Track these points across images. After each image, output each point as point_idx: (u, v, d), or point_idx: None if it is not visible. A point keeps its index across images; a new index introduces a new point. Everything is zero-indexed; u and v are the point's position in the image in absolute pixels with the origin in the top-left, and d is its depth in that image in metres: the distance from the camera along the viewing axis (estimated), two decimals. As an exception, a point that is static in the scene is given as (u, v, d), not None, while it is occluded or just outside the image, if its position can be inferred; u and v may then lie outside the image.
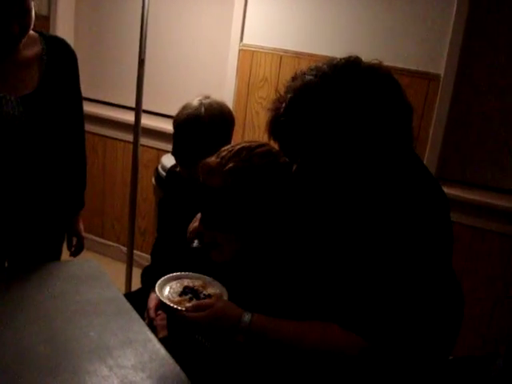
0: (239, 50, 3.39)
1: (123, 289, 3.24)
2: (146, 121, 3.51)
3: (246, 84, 3.41)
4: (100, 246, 4.19)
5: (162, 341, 1.72)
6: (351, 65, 1.32)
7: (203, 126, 1.96)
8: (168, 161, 3.12)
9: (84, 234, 2.38)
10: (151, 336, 1.68)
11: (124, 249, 3.95)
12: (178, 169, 2.13)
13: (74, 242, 2.35)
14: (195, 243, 1.71)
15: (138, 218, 3.58)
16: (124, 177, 3.96)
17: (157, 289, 1.46)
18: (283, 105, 1.33)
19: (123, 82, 3.83)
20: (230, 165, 1.43)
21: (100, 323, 1.70)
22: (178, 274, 1.55)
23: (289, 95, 1.33)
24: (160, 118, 3.77)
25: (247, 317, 1.37)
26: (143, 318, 1.86)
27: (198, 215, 1.68)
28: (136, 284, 3.15)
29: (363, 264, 1.36)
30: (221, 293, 1.49)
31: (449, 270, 1.47)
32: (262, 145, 1.49)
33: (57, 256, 2.28)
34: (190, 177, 2.07)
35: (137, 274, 3.20)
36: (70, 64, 2.06)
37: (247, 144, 1.49)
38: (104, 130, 3.96)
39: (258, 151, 1.46)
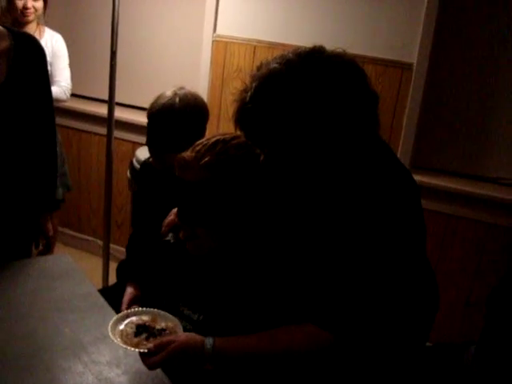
0: (213, 41, 3.37)
1: (100, 284, 3.21)
2: (120, 113, 3.48)
3: (220, 75, 3.39)
4: (77, 241, 4.16)
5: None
6: (316, 52, 1.32)
7: (177, 117, 1.95)
8: (142, 153, 3.08)
9: (59, 229, 2.34)
10: (127, 331, 1.67)
11: (101, 243, 3.93)
12: (150, 160, 2.12)
13: (42, 243, 2.29)
14: (169, 236, 1.70)
15: (114, 211, 3.56)
16: (99, 170, 3.92)
17: (110, 334, 1.40)
18: (248, 94, 1.32)
19: (96, 74, 3.79)
20: (206, 158, 1.42)
21: (74, 319, 1.69)
22: (125, 312, 1.51)
23: (254, 84, 1.33)
24: (134, 111, 3.75)
25: (209, 342, 1.35)
26: (116, 312, 1.85)
27: (174, 209, 1.67)
28: (113, 278, 3.14)
29: (333, 254, 1.36)
30: (173, 325, 1.45)
31: (422, 258, 1.48)
32: (237, 136, 1.49)
33: (26, 255, 2.25)
34: (163, 169, 2.06)
35: (114, 267, 3.17)
36: (38, 59, 2.03)
37: (221, 136, 1.48)
38: (78, 124, 3.93)
39: (233, 143, 1.46)
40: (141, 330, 1.43)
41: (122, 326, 1.45)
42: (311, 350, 1.36)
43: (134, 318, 1.48)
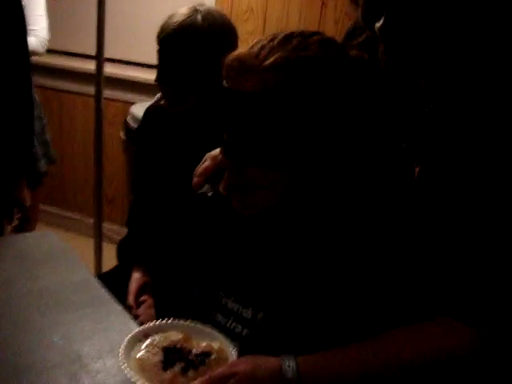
0: (216, -22, 2.86)
1: (92, 269, 2.72)
2: (108, 69, 2.96)
3: (227, 17, 2.88)
4: (62, 220, 3.68)
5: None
6: None
7: (202, 38, 1.44)
8: (140, 110, 2.60)
9: (41, 207, 1.84)
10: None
11: (90, 221, 3.44)
12: (162, 102, 1.59)
13: (17, 216, 1.82)
14: (205, 188, 1.17)
15: (104, 184, 3.07)
16: (85, 136, 3.42)
17: (124, 366, 0.90)
18: None
19: (77, 25, 3.27)
20: (276, 56, 0.91)
21: (66, 321, 1.19)
22: (142, 329, 1.00)
23: None
24: (121, 66, 3.24)
25: (290, 368, 0.87)
26: (125, 307, 1.36)
27: (211, 153, 1.16)
28: (108, 263, 2.67)
29: (474, 234, 0.88)
30: (220, 344, 0.96)
31: None
32: (319, 32, 0.98)
33: None
34: (179, 111, 1.54)
35: (108, 249, 2.72)
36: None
37: (296, 31, 0.96)
38: (58, 83, 3.41)
39: (315, 39, 0.95)
40: (171, 357, 0.93)
41: (140, 352, 0.95)
42: (456, 355, 0.89)
43: (156, 338, 0.97)
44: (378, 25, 0.85)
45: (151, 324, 1.02)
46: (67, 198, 3.70)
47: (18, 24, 1.65)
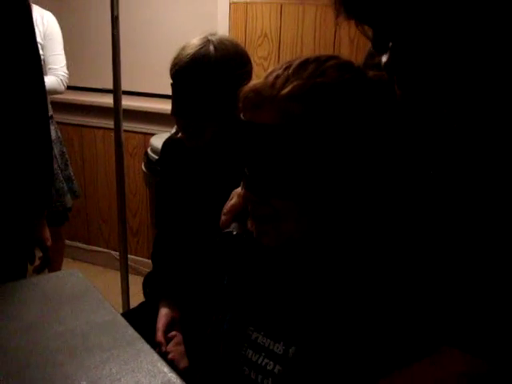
0: (230, 4, 2.85)
1: (120, 301, 2.69)
2: (126, 102, 2.97)
3: (241, 44, 2.86)
4: (87, 254, 3.67)
5: (184, 374, 1.19)
6: None
7: (215, 70, 1.41)
8: (159, 142, 2.58)
9: (67, 242, 1.83)
10: (171, 376, 1.14)
11: (115, 254, 3.44)
12: (179, 135, 1.57)
13: (38, 258, 1.81)
14: (232, 227, 1.14)
15: (127, 216, 3.06)
16: (107, 169, 3.44)
17: None
18: None
19: (93, 61, 3.29)
20: (292, 85, 0.88)
21: (95, 364, 1.15)
22: None
23: None
24: (139, 98, 3.26)
25: None
26: (154, 346, 1.32)
27: (238, 189, 1.13)
28: (134, 293, 2.65)
29: (493, 258, 0.82)
30: None
31: None
32: (335, 56, 0.95)
33: (21, 274, 1.73)
34: (195, 144, 1.52)
35: (133, 281, 2.71)
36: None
37: (311, 57, 0.94)
38: (78, 118, 3.43)
39: (331, 63, 0.92)
40: None
41: None
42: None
43: None
44: (383, 60, 0.82)
45: None
46: (92, 232, 3.69)
47: (34, 63, 1.64)
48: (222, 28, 2.89)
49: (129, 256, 2.81)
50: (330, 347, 0.92)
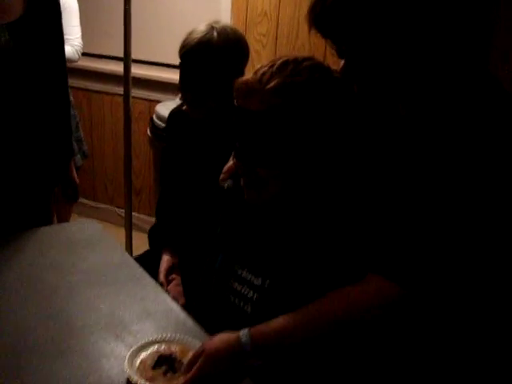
0: (232, -17, 3.05)
1: (124, 254, 2.96)
2: (134, 70, 3.18)
3: (242, 21, 3.08)
4: (92, 210, 3.91)
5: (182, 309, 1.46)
6: None
7: (217, 53, 1.65)
8: (164, 109, 2.84)
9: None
10: (172, 304, 1.42)
11: (119, 211, 3.70)
12: (184, 107, 1.82)
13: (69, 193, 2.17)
14: (227, 183, 1.42)
15: (132, 177, 3.31)
16: (114, 133, 3.67)
17: (127, 361, 1.15)
18: None
19: (104, 29, 3.49)
20: (275, 81, 1.14)
21: (110, 293, 1.43)
22: (153, 339, 1.22)
23: None
24: (148, 66, 3.44)
25: (244, 334, 1.11)
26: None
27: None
28: (137, 249, 2.91)
29: (416, 195, 1.09)
30: None
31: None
32: (310, 58, 1.21)
33: (47, 217, 2.03)
34: (199, 115, 1.78)
35: (136, 237, 2.96)
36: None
37: (290, 57, 1.20)
38: (88, 84, 3.65)
39: (306, 64, 1.18)
40: (161, 361, 1.16)
41: (144, 354, 1.18)
42: (375, 306, 1.10)
43: (162, 347, 1.20)
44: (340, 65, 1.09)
45: (161, 335, 1.23)
46: (98, 190, 3.93)
47: (58, 34, 1.92)
48: (225, 5, 3.10)
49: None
50: (294, 280, 1.20)
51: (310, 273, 1.19)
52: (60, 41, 1.95)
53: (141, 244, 2.08)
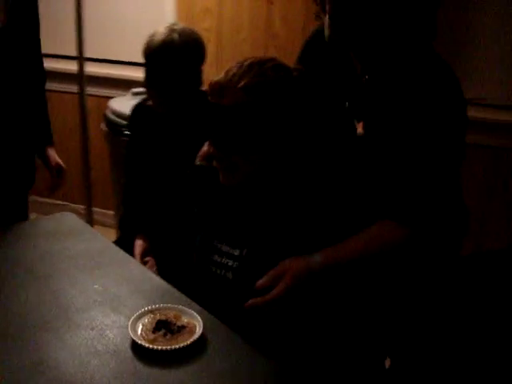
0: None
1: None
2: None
3: (187, 17, 3.23)
4: (46, 207, 3.97)
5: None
6: None
7: (179, 53, 1.85)
8: (117, 105, 2.98)
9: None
10: (158, 280, 1.60)
11: (73, 206, 3.80)
12: (149, 102, 2.01)
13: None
14: (201, 163, 1.61)
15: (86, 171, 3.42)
16: (65, 129, 3.75)
17: (130, 328, 1.33)
18: None
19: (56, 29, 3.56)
20: (243, 81, 1.34)
21: (100, 275, 1.60)
22: (149, 308, 1.41)
23: None
24: (96, 64, 3.55)
25: (315, 260, 1.34)
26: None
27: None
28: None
29: (398, 150, 1.37)
30: (196, 323, 1.36)
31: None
32: (272, 59, 1.41)
33: (24, 212, 2.22)
34: (163, 110, 1.96)
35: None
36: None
37: (256, 59, 1.39)
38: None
39: (269, 65, 1.38)
40: (160, 325, 1.35)
41: (143, 321, 1.37)
42: (389, 244, 1.37)
43: (158, 313, 1.39)
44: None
45: (155, 306, 1.41)
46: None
47: (36, 44, 2.15)
48: (169, 3, 3.24)
49: (83, 206, 3.23)
50: (268, 247, 1.41)
51: (282, 240, 1.40)
52: (38, 49, 2.16)
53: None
